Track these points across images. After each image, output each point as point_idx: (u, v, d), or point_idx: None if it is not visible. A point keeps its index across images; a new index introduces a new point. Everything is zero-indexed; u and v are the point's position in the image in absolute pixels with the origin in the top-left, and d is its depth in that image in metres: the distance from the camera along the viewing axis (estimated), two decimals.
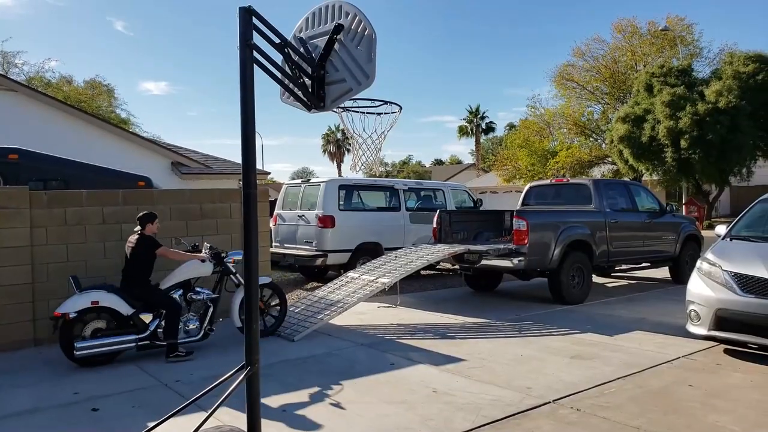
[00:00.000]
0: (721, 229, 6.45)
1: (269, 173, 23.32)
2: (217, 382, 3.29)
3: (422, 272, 9.87)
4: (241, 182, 3.35)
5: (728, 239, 6.12)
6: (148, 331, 5.51)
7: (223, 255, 6.00)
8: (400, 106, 3.87)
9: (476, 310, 7.79)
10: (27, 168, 7.46)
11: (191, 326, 5.74)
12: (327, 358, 5.49)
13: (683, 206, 24.90)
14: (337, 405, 4.18)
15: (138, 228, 5.73)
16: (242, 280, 5.93)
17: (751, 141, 22.31)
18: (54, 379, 4.93)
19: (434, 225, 8.87)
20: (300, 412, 4.05)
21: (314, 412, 4.05)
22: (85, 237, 6.46)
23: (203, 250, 6.02)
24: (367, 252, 9.82)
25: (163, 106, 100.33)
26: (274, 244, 10.46)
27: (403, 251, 8.18)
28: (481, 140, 52.47)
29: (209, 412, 3.03)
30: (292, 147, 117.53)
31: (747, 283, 5.18)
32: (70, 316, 5.18)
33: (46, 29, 66.17)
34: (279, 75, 3.58)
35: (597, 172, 30.67)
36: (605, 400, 4.20)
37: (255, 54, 3.27)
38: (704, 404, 4.08)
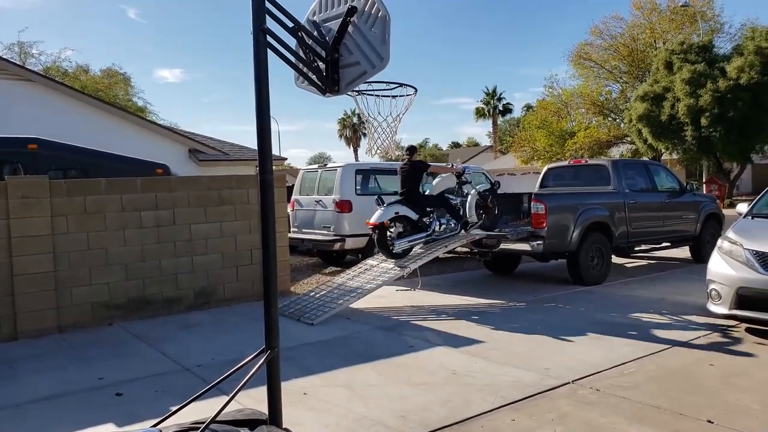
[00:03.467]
0: (743, 208, 6.34)
1: (286, 159, 23.32)
2: (237, 366, 3.33)
3: (441, 256, 9.86)
4: (258, 168, 3.37)
5: (750, 217, 6.02)
6: (431, 230, 7.62)
7: (461, 171, 8.13)
8: (415, 88, 3.84)
9: (495, 292, 7.78)
10: (46, 157, 7.57)
11: (451, 224, 7.80)
12: (347, 341, 5.54)
13: (704, 185, 24.49)
14: (357, 387, 4.22)
15: (406, 158, 7.75)
16: (476, 188, 8.20)
17: None
18: (79, 364, 5.04)
19: None
20: (320, 394, 4.10)
21: (334, 394, 4.09)
22: (104, 225, 6.56)
23: (453, 165, 8.23)
24: None
25: (178, 94, 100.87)
26: (292, 229, 10.53)
27: None
28: (499, 122, 51.96)
29: (230, 396, 3.07)
30: (309, 132, 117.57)
31: None
32: (387, 222, 7.23)
33: (60, 18, 66.66)
34: (293, 59, 3.56)
35: (616, 152, 30.27)
36: (625, 380, 4.18)
37: (269, 38, 3.26)
38: (725, 383, 4.05)
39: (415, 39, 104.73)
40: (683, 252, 10.44)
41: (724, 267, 5.45)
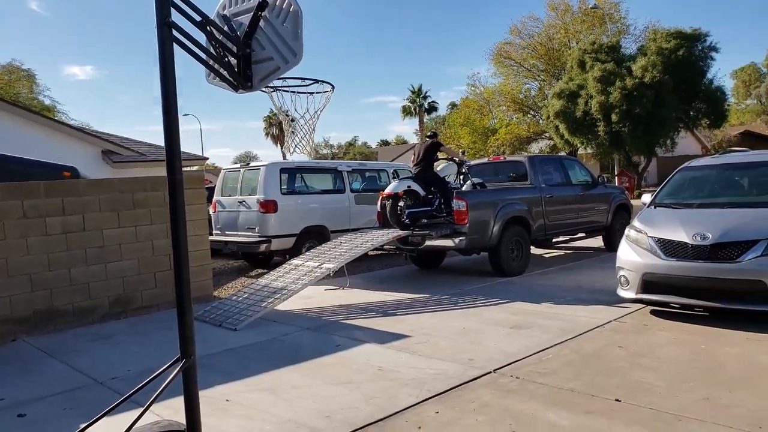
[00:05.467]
0: (647, 198, 6.77)
1: (207, 158, 22.58)
2: (150, 378, 3.18)
3: (370, 253, 9.90)
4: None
5: (653, 207, 6.44)
6: (434, 206, 8.43)
7: (461, 161, 9.16)
8: (332, 84, 3.80)
9: (421, 286, 7.90)
10: None
11: (442, 207, 8.49)
12: (271, 344, 5.42)
13: (616, 177, 26.01)
14: (282, 390, 4.14)
15: (427, 139, 8.75)
16: (471, 179, 8.95)
17: (674, 114, 23.47)
18: None
19: (378, 209, 8.85)
20: (243, 400, 3.99)
21: (258, 399, 4.00)
22: (4, 233, 6.07)
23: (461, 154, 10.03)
24: (312, 236, 9.73)
25: (91, 92, 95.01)
26: (214, 231, 10.20)
27: (348, 236, 8.21)
28: (425, 120, 52.77)
29: (142, 409, 2.93)
30: (233, 131, 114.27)
31: (669, 248, 5.47)
32: (401, 193, 8.06)
33: None
34: (202, 55, 3.44)
35: (535, 148, 31.56)
36: (543, 366, 4.35)
37: (174, 33, 3.12)
38: (632, 363, 4.31)
39: (341, 37, 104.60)
40: (597, 241, 11.02)
41: (631, 254, 5.80)
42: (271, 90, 3.69)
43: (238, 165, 10.71)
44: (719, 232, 5.24)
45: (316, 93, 3.70)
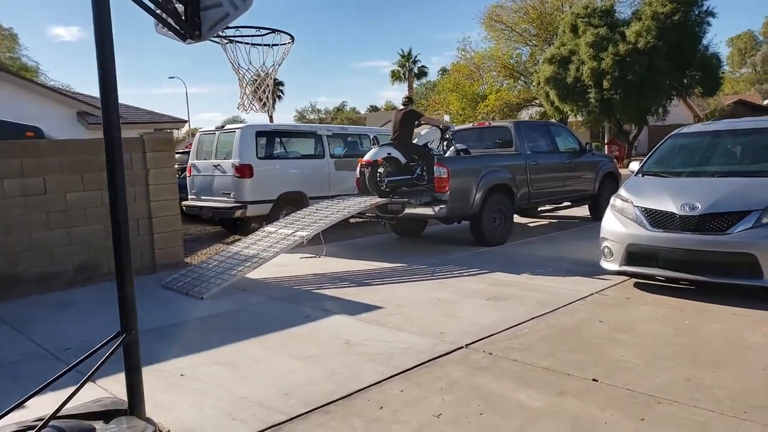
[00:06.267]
0: (635, 166, 6.51)
1: (186, 121, 21.92)
2: (89, 352, 2.95)
3: (350, 220, 9.63)
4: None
5: (640, 175, 6.19)
6: (416, 174, 8.15)
7: (445, 127, 8.90)
8: (291, 36, 3.45)
9: (399, 255, 7.67)
10: None
11: (425, 175, 8.24)
12: (238, 314, 5.19)
13: (606, 146, 25.72)
14: (242, 365, 3.91)
15: (402, 106, 8.45)
16: (455, 145, 8.67)
17: (667, 81, 23.05)
18: None
19: (357, 175, 8.53)
20: (199, 375, 3.76)
21: (215, 374, 3.77)
22: None
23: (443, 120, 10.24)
24: (290, 202, 9.40)
25: (76, 53, 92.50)
26: (189, 196, 9.87)
27: (325, 203, 7.92)
28: (415, 85, 51.95)
29: (75, 388, 2.70)
30: (221, 95, 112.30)
31: (655, 218, 5.24)
32: (381, 160, 7.76)
33: None
34: (150, 4, 3.09)
35: (525, 115, 31.10)
36: (518, 341, 4.15)
37: None
38: (611, 339, 4.11)
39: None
40: (583, 210, 10.81)
41: (615, 224, 5.56)
42: (226, 41, 3.35)
43: (212, 128, 10.29)
44: (709, 202, 5.00)
45: (275, 45, 3.36)
